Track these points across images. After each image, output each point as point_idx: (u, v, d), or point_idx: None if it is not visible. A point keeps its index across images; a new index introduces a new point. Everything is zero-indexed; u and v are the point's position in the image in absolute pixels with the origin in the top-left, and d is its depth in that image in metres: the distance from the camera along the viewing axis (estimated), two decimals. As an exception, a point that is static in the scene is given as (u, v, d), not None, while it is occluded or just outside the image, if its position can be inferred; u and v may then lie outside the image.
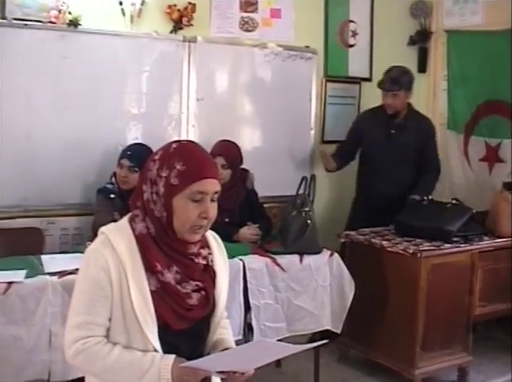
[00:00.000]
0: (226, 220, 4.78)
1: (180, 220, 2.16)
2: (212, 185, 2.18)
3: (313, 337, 4.60)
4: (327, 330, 4.56)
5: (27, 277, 3.78)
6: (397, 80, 5.49)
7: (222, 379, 2.33)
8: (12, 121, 4.83)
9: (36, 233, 4.85)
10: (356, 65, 6.43)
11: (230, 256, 4.17)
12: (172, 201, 2.15)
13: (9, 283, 3.68)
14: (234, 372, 2.19)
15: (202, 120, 5.56)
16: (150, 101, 5.36)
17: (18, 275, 3.78)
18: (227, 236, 4.47)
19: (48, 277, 3.83)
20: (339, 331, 4.62)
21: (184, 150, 2.21)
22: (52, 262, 4.05)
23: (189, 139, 2.28)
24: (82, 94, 5.05)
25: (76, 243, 4.79)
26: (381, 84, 5.59)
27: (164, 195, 2.16)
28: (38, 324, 3.71)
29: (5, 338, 3.66)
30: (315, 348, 4.29)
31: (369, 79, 6.43)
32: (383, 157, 5.62)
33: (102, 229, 2.25)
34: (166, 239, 2.19)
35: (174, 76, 5.45)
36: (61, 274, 3.81)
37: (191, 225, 2.16)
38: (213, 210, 2.21)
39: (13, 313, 3.67)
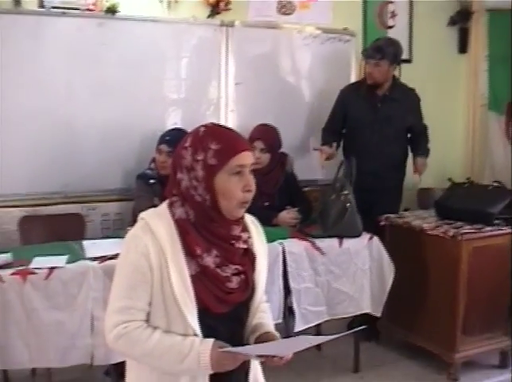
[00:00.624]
0: (266, 203, 4.79)
1: (226, 198, 2.17)
2: (249, 157, 2.20)
3: (353, 321, 4.61)
4: (367, 314, 4.57)
5: (68, 262, 3.85)
6: (380, 49, 5.23)
7: (261, 362, 2.36)
8: (52, 109, 4.91)
9: (78, 219, 4.92)
10: (396, 47, 6.33)
11: (270, 240, 4.22)
12: (213, 182, 2.16)
13: (51, 269, 3.75)
14: (273, 356, 2.21)
15: (240, 104, 5.57)
16: (189, 86, 5.38)
17: (60, 261, 3.84)
18: (267, 220, 4.50)
19: (89, 262, 3.89)
20: (379, 314, 4.61)
21: (214, 131, 2.23)
22: (93, 247, 4.11)
23: (212, 122, 2.30)
24: (121, 80, 5.10)
25: (117, 229, 4.84)
26: (363, 52, 5.43)
27: (205, 177, 2.16)
28: (80, 308, 3.78)
29: (48, 323, 3.73)
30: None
31: (409, 61, 6.34)
32: (369, 131, 5.33)
33: (142, 215, 2.27)
34: (206, 223, 2.20)
35: (212, 60, 5.46)
36: (102, 259, 3.86)
37: (237, 200, 2.18)
38: (253, 182, 2.22)
39: (55, 298, 3.74)
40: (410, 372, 4.77)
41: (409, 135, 5.52)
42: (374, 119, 5.32)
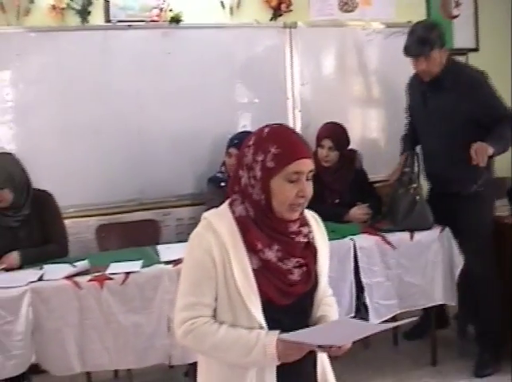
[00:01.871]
0: (337, 200, 4.82)
1: (279, 201, 2.21)
2: (307, 165, 2.22)
3: (428, 313, 4.62)
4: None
5: (144, 267, 3.97)
6: (426, 40, 4.43)
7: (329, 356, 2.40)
8: (124, 118, 5.08)
9: (153, 225, 5.04)
10: (461, 36, 6.24)
11: (342, 236, 4.28)
12: (269, 183, 2.20)
13: (127, 273, 3.87)
14: (331, 347, 2.24)
15: (308, 104, 5.61)
16: (255, 89, 5.46)
17: (135, 265, 3.96)
18: (338, 217, 4.55)
19: (163, 266, 4.00)
20: (454, 303, 4.57)
21: (277, 134, 2.26)
22: (167, 251, 4.22)
23: (280, 123, 2.32)
24: (188, 87, 5.22)
25: (191, 233, 4.92)
26: (406, 49, 4.49)
27: (262, 178, 2.21)
28: (156, 311, 3.89)
29: (126, 326, 3.86)
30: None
31: (476, 50, 6.26)
32: (423, 128, 4.75)
33: (204, 214, 2.34)
34: (266, 219, 2.24)
35: (277, 62, 5.52)
36: (176, 262, 3.94)
37: (289, 204, 2.21)
38: (309, 188, 2.25)
39: (132, 301, 3.87)
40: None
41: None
42: (424, 113, 4.71)
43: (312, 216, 2.45)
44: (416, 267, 4.45)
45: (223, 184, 4.73)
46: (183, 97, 5.20)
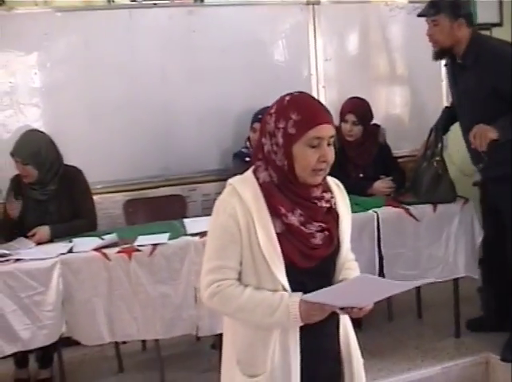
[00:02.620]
0: (361, 175, 4.87)
1: (301, 166, 2.27)
2: (327, 130, 2.28)
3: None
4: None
5: (170, 239, 4.05)
6: (434, 3, 4.26)
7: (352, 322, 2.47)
8: (150, 95, 5.15)
9: (179, 200, 5.13)
10: (485, 11, 6.16)
11: (365, 209, 4.32)
12: (291, 150, 2.26)
13: (155, 245, 3.95)
14: (353, 308, 2.30)
15: (331, 80, 5.65)
16: (279, 65, 5.50)
17: (162, 238, 4.04)
18: (362, 190, 4.61)
19: (190, 238, 4.08)
20: (476, 276, 4.60)
21: (297, 101, 2.32)
22: (193, 224, 4.29)
23: (300, 91, 2.37)
24: (213, 64, 5.28)
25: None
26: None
27: (284, 145, 2.28)
28: (184, 282, 3.98)
29: (154, 297, 3.95)
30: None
31: (499, 24, 6.20)
32: (457, 109, 4.48)
33: (230, 181, 2.41)
34: (289, 185, 2.31)
35: (301, 39, 5.56)
36: (202, 234, 4.00)
37: (311, 169, 2.27)
38: (330, 153, 2.30)
39: (159, 273, 3.96)
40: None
41: None
42: (456, 96, 4.53)
43: (334, 183, 2.51)
44: (439, 240, 4.48)
45: (247, 159, 4.78)
46: (208, 74, 5.26)
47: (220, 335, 3.95)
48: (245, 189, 2.33)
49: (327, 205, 2.38)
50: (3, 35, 4.84)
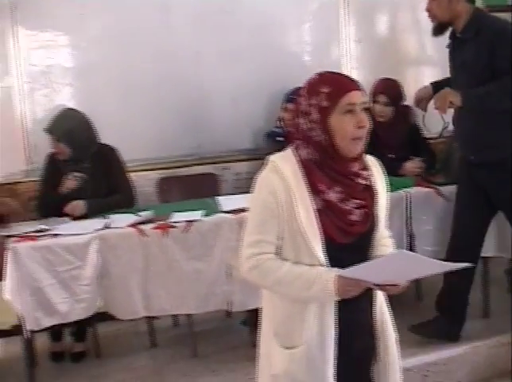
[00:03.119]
0: (391, 155, 4.88)
1: (340, 136, 2.33)
2: (358, 96, 2.34)
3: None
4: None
5: (205, 216, 4.12)
6: None
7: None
8: (183, 75, 5.24)
9: (212, 179, 5.20)
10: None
11: (395, 189, 4.35)
12: (328, 123, 2.32)
13: (189, 222, 4.03)
14: (388, 285, 2.35)
15: (363, 62, 5.69)
16: (311, 47, 5.57)
17: (197, 215, 4.12)
18: (392, 171, 4.58)
19: (224, 214, 4.15)
20: (509, 256, 4.59)
21: (325, 76, 2.39)
22: (227, 201, 4.37)
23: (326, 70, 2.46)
24: (246, 44, 5.36)
25: (249, 187, 5.02)
26: None
27: (320, 119, 2.34)
28: (217, 258, 4.06)
29: (188, 273, 4.04)
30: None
31: (515, 8, 6.14)
32: (453, 87, 4.18)
33: (271, 158, 2.47)
34: (328, 161, 2.36)
35: (332, 20, 5.61)
36: (236, 211, 4.09)
37: (350, 138, 2.33)
38: (366, 119, 2.36)
39: (194, 249, 4.04)
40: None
41: None
42: (452, 70, 4.38)
43: (372, 162, 2.56)
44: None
45: (279, 138, 4.85)
46: (240, 54, 5.34)
47: (251, 311, 4.09)
48: (285, 166, 2.39)
49: (365, 182, 2.43)
50: (40, 16, 4.92)
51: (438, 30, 4.26)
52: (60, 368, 4.59)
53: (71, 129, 4.38)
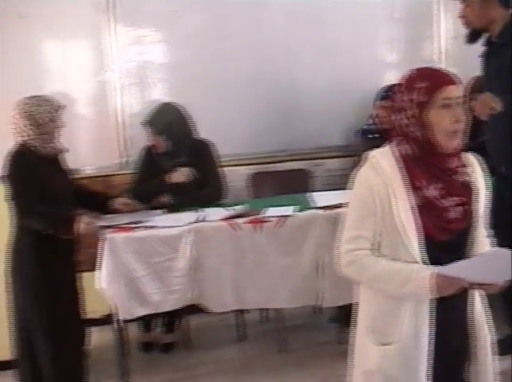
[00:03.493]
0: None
1: (437, 131, 2.31)
2: (454, 91, 2.31)
3: None
4: None
5: (297, 212, 4.13)
6: None
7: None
8: (276, 70, 5.25)
9: (303, 175, 5.20)
10: None
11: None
12: (425, 118, 2.31)
13: (282, 217, 4.04)
14: (483, 284, 2.31)
15: (458, 59, 5.57)
16: (404, 43, 5.49)
17: (290, 210, 4.13)
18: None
19: (316, 211, 4.14)
20: None
21: (421, 71, 2.38)
22: (319, 198, 4.39)
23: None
24: (339, 41, 5.33)
25: (339, 183, 5.01)
26: None
27: (417, 114, 2.32)
28: (308, 253, 4.05)
29: (279, 267, 4.06)
30: None
31: None
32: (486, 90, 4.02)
33: (370, 154, 2.47)
34: (427, 157, 2.34)
35: (425, 17, 5.54)
36: (329, 208, 4.09)
37: (446, 132, 2.31)
38: (462, 114, 2.33)
39: (285, 244, 4.05)
40: None
41: None
42: (485, 75, 4.25)
43: (473, 158, 2.52)
44: None
45: (370, 136, 4.83)
46: (333, 51, 5.31)
47: (340, 309, 4.08)
48: (384, 162, 2.38)
49: (465, 179, 2.40)
50: (136, 12, 5.00)
51: (472, 37, 4.16)
52: (149, 359, 4.69)
53: (170, 123, 4.47)
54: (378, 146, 3.85)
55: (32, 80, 4.77)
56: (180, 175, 4.45)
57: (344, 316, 4.34)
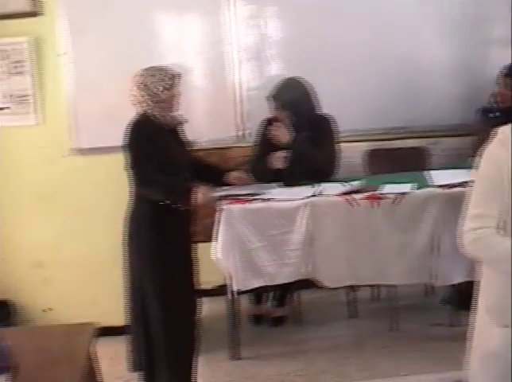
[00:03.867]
0: None
1: None
2: None
3: None
4: None
5: (416, 189, 4.08)
6: None
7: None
8: (396, 46, 5.14)
9: (420, 153, 5.08)
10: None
11: None
12: None
13: (399, 194, 4.00)
14: None
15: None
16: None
17: (407, 187, 4.08)
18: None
19: (435, 189, 4.08)
20: None
21: None
22: (439, 176, 4.29)
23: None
24: (461, 17, 5.15)
25: (456, 162, 4.91)
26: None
27: None
28: (424, 231, 4.00)
29: (394, 244, 4.03)
30: None
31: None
32: None
33: (500, 129, 2.39)
34: None
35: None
36: (448, 186, 4.02)
37: None
38: None
39: (402, 221, 4.01)
40: None
41: None
42: None
43: None
44: None
45: (491, 115, 4.70)
46: (455, 27, 5.16)
47: (454, 289, 4.01)
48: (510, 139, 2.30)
49: None
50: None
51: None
52: (259, 331, 4.74)
53: (295, 98, 4.49)
54: (498, 125, 3.74)
55: (150, 53, 4.82)
56: (277, 161, 4.46)
57: (457, 298, 4.30)
